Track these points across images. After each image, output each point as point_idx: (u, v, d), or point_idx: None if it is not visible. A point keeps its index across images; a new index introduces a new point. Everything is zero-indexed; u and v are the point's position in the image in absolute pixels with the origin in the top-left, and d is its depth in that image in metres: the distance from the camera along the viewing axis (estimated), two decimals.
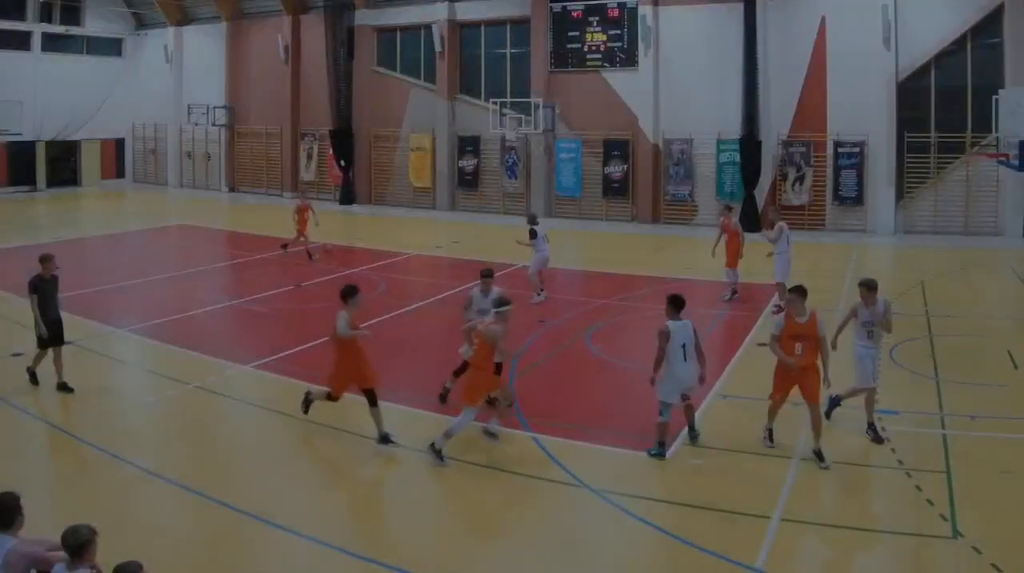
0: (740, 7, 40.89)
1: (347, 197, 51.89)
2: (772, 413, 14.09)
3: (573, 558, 10.73)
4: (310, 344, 19.93)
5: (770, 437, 14.07)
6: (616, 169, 44.95)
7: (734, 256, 25.32)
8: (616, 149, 44.87)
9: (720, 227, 26.11)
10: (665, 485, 12.93)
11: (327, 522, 11.74)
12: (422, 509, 12.30)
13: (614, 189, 45.17)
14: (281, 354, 19.39)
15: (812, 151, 41.01)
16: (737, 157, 41.69)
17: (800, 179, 41.29)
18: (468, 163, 49.01)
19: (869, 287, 14.50)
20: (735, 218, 27.11)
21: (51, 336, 16.63)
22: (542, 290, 25.00)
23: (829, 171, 40.77)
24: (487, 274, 16.71)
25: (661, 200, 44.23)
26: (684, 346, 13.80)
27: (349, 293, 14.45)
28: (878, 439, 14.15)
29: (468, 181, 49.20)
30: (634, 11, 44.14)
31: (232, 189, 58.69)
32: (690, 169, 43.44)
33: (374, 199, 52.19)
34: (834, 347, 14.50)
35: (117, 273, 20.57)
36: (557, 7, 46.11)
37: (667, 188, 44.02)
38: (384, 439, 14.16)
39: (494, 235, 37.01)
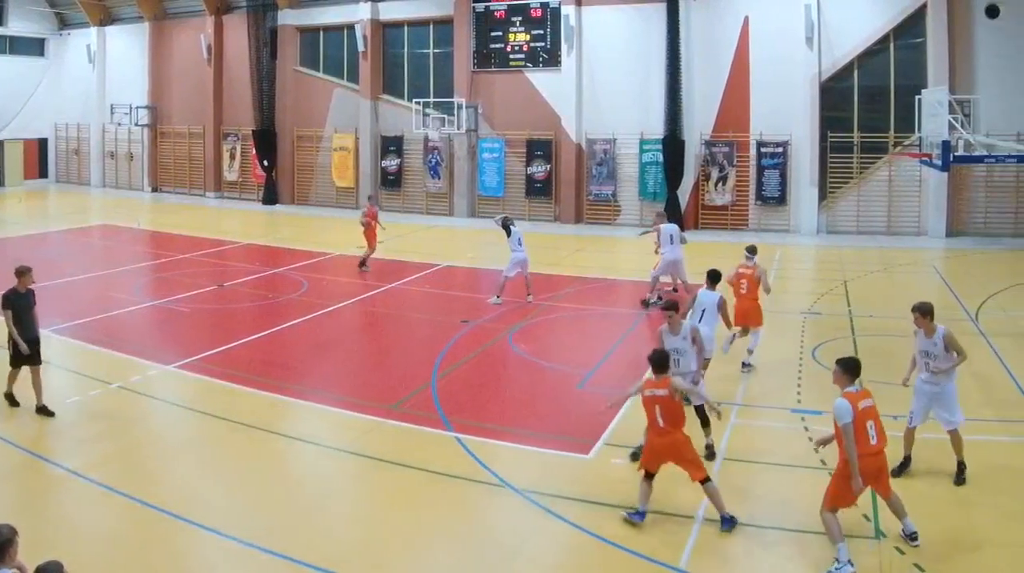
0: (663, 7, 38.54)
1: (270, 197, 48.82)
2: None
3: (495, 558, 10.26)
4: (233, 344, 19.42)
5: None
6: (539, 169, 42.21)
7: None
8: (539, 149, 42.19)
9: (654, 229, 24.44)
10: (588, 485, 12.18)
11: (249, 521, 11.10)
12: (344, 508, 11.81)
13: (537, 189, 42.40)
14: (204, 354, 18.52)
15: (735, 151, 38.61)
16: (660, 157, 39.20)
17: (723, 179, 38.78)
18: (391, 163, 46.01)
19: (923, 313, 12.44)
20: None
21: (28, 354, 14.71)
22: (529, 294, 23.72)
23: (752, 171, 38.42)
24: (670, 307, 13.47)
25: (584, 200, 41.65)
26: (704, 311, 14.76)
27: None
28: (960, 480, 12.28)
29: (391, 181, 46.20)
30: (557, 11, 41.45)
31: (155, 189, 54.74)
32: (613, 169, 40.81)
33: (297, 199, 49.01)
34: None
35: (38, 273, 18.15)
36: (480, 7, 43.25)
37: (590, 188, 41.40)
38: None
39: (417, 235, 35.46)
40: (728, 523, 10.69)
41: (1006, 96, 34.37)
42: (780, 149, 37.78)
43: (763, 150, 38.05)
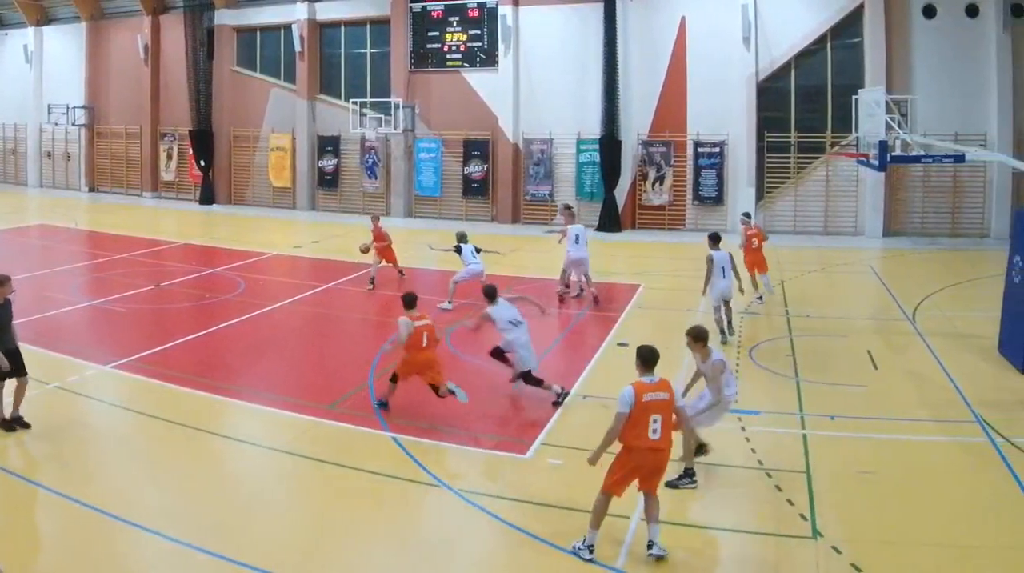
0: (600, 7, 36.43)
1: (207, 197, 45.88)
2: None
3: (432, 557, 9.73)
4: (170, 344, 18.44)
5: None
6: (476, 169, 39.70)
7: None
8: (476, 149, 39.65)
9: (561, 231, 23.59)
10: (525, 485, 11.61)
11: (187, 521, 10.43)
12: (282, 508, 11.12)
13: (474, 189, 39.86)
14: (141, 354, 17.50)
15: (672, 151, 36.41)
16: (597, 157, 36.87)
17: (660, 179, 36.54)
18: (328, 163, 43.23)
19: (695, 337, 11.65)
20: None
21: (11, 367, 13.13)
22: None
23: (689, 171, 36.27)
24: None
25: (521, 200, 39.20)
26: (724, 268, 18.22)
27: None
28: None
29: (328, 181, 43.41)
30: (494, 11, 39.02)
31: (92, 189, 51.28)
32: (550, 169, 38.41)
33: (234, 199, 46.00)
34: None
35: None
36: (417, 7, 40.61)
37: (527, 188, 38.98)
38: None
39: (354, 235, 32.60)
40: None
41: (943, 96, 32.83)
42: (717, 149, 35.67)
43: (700, 150, 35.96)
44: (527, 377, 14.62)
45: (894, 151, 19.74)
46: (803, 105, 35.30)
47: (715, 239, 18.74)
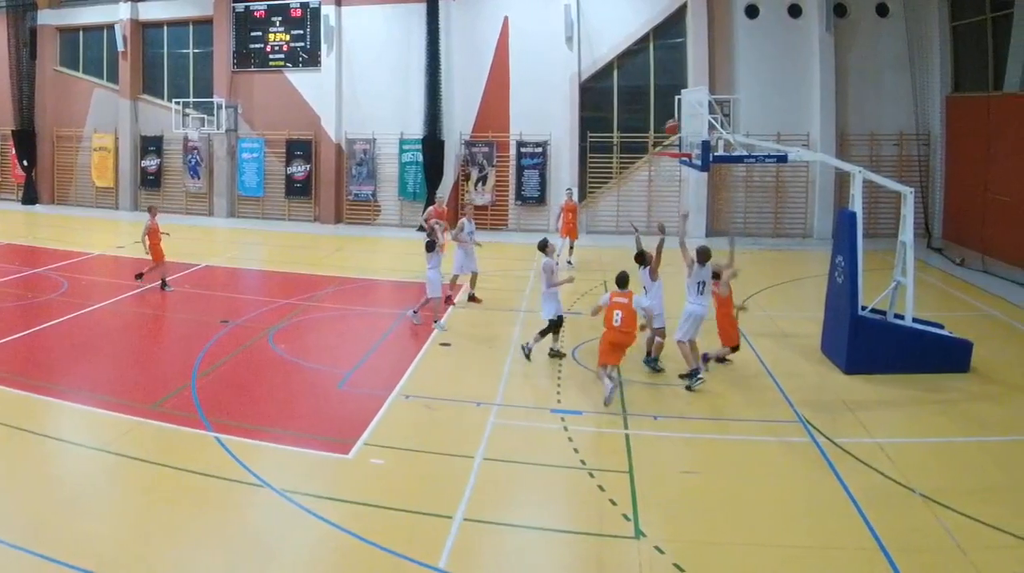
0: (423, 7, 30.36)
1: (30, 197, 37.89)
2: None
3: (255, 558, 8.46)
4: None
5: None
6: (299, 169, 32.86)
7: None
8: (299, 149, 32.82)
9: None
10: (348, 485, 10.08)
11: (10, 522, 9.04)
12: (105, 508, 9.54)
13: (297, 189, 32.96)
14: None
15: (495, 151, 30.29)
16: (420, 157, 30.64)
17: (483, 179, 30.37)
18: (151, 163, 35.74)
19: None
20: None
21: None
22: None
23: (512, 171, 30.20)
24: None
25: (344, 200, 32.53)
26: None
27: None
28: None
29: (151, 181, 35.80)
30: (317, 11, 32.41)
31: None
32: (373, 169, 31.87)
33: (57, 199, 38.00)
34: None
35: None
36: (240, 7, 33.62)
37: (350, 188, 32.35)
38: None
39: (177, 235, 28.27)
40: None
41: (766, 96, 27.90)
42: (540, 149, 29.72)
43: (523, 150, 29.95)
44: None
45: (717, 151, 16.46)
46: (626, 105, 29.70)
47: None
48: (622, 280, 12.62)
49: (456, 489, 9.61)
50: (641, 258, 14.41)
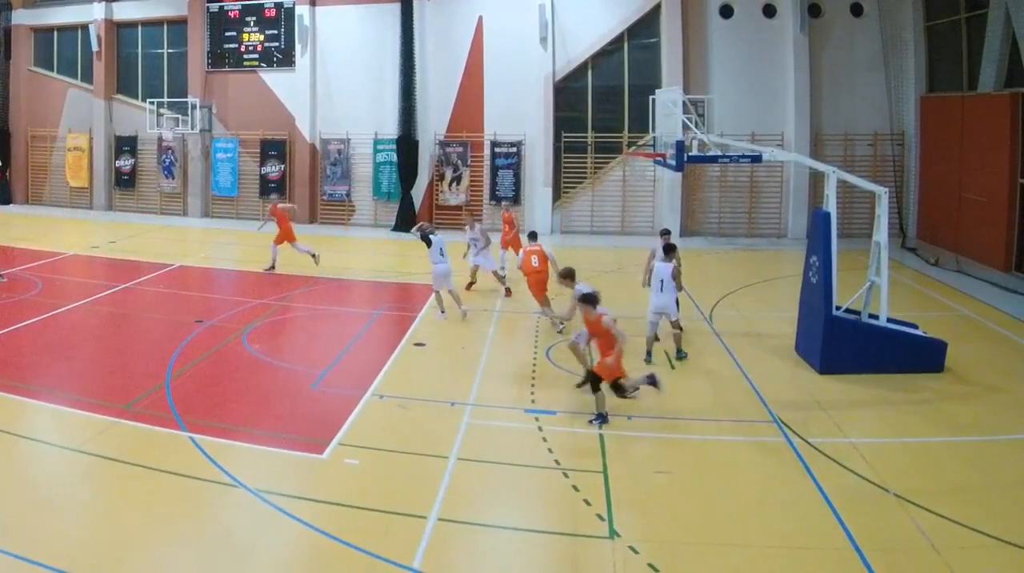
0: (397, 7, 29.85)
1: (4, 197, 37.12)
2: None
3: (229, 558, 8.31)
4: None
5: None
6: (273, 169, 32.28)
7: None
8: (273, 149, 32.23)
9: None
10: (322, 486, 9.93)
11: None
12: (79, 508, 9.32)
13: (271, 189, 32.32)
14: None
15: (469, 151, 29.85)
16: (394, 157, 30.19)
17: (457, 179, 29.95)
18: (125, 163, 35.07)
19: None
20: None
21: None
22: (462, 307, 17.98)
23: (486, 171, 29.76)
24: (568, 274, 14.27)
25: (318, 200, 32.01)
26: (662, 281, 14.23)
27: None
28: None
29: (125, 181, 35.16)
30: (291, 11, 31.82)
31: None
32: (347, 169, 31.37)
33: (31, 199, 37.27)
34: None
35: None
36: (214, 7, 33.04)
37: (324, 188, 31.83)
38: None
39: (151, 235, 28.58)
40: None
41: (740, 96, 27.68)
42: (514, 149, 29.32)
43: (497, 150, 29.52)
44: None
45: (691, 151, 16.19)
46: (600, 105, 29.31)
47: (669, 250, 14.85)
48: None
49: (430, 489, 9.52)
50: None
